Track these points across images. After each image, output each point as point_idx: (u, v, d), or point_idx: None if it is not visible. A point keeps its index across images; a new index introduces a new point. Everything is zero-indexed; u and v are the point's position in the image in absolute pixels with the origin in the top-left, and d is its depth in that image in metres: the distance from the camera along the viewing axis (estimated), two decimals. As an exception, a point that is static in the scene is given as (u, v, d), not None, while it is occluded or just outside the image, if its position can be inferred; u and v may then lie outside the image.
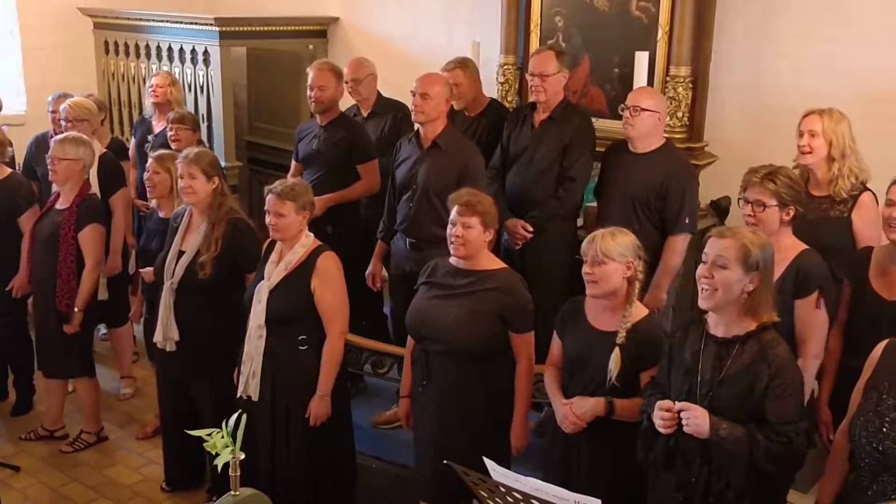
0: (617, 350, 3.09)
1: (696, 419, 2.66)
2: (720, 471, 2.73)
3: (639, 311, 3.18)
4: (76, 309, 4.60)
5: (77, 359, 4.74)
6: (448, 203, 3.56)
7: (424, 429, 3.62)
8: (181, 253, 4.10)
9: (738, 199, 3.50)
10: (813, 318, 3.34)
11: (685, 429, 2.69)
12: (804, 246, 3.42)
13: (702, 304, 2.79)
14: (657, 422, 2.75)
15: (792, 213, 3.37)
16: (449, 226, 3.48)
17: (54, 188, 4.76)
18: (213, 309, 4.07)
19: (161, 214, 4.55)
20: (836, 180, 3.78)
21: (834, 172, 3.78)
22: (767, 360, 2.70)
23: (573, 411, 3.14)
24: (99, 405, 5.00)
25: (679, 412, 2.70)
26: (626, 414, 3.09)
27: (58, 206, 4.67)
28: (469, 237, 3.42)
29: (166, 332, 4.10)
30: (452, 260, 3.54)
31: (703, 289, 2.76)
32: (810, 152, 3.80)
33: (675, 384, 2.86)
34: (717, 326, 2.82)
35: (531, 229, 4.38)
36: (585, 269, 3.15)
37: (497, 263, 3.55)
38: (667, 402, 2.74)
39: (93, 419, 4.93)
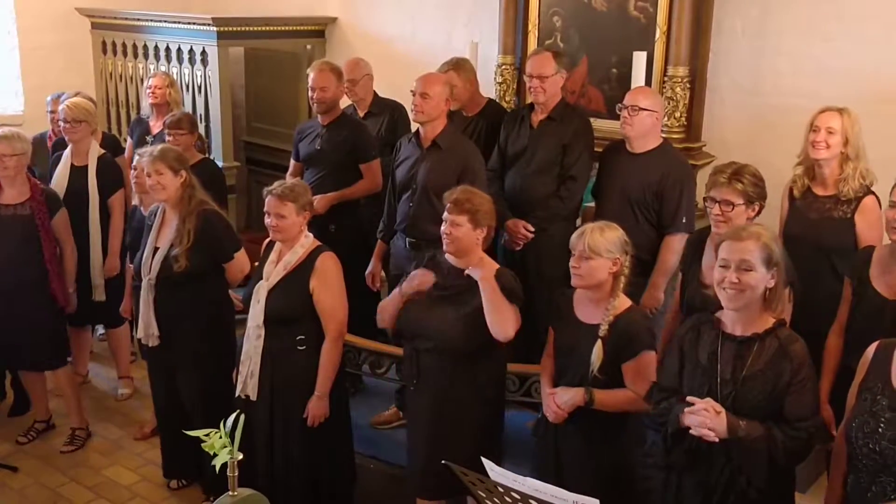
0: (599, 343, 3.15)
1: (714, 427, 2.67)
2: (741, 469, 2.74)
3: (621, 303, 3.23)
4: (70, 290, 4.76)
5: (61, 348, 4.82)
6: (443, 201, 3.58)
7: (417, 426, 3.63)
8: (157, 249, 4.13)
9: (704, 198, 3.52)
10: (787, 312, 3.34)
11: (692, 430, 2.70)
12: None
13: (730, 304, 2.79)
14: (699, 421, 2.70)
15: (757, 208, 3.44)
16: (442, 223, 3.51)
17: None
18: (192, 301, 4.11)
19: (144, 212, 4.56)
20: (846, 181, 3.80)
21: (848, 173, 3.80)
22: (789, 356, 2.73)
23: (555, 401, 3.22)
24: (80, 395, 5.02)
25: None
26: (606, 404, 3.17)
27: (7, 201, 4.62)
28: (457, 234, 3.44)
29: (147, 328, 4.15)
30: (448, 257, 3.56)
31: (728, 292, 2.76)
32: (826, 148, 3.81)
33: (690, 385, 2.85)
34: (736, 325, 2.83)
35: (532, 229, 4.37)
36: (573, 262, 3.20)
37: (489, 263, 3.55)
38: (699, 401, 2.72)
39: (79, 413, 4.94)
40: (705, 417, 2.68)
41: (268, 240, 3.93)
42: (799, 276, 3.33)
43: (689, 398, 2.76)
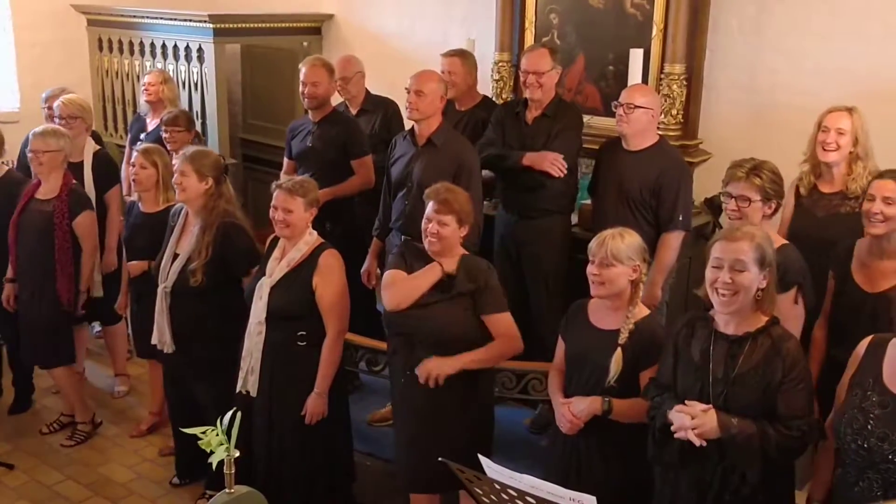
0: (619, 350, 3.08)
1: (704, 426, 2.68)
2: (735, 467, 2.75)
3: (640, 311, 3.18)
4: (82, 290, 4.74)
5: (65, 346, 4.81)
6: (424, 197, 3.59)
7: (408, 419, 3.62)
8: (176, 256, 4.09)
9: (720, 193, 3.51)
10: (790, 312, 3.32)
11: (676, 434, 2.70)
12: (783, 240, 3.44)
13: (723, 309, 2.78)
14: (680, 422, 2.71)
15: (774, 206, 3.42)
16: (424, 220, 3.52)
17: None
18: (207, 312, 4.06)
19: (142, 208, 4.56)
20: (856, 179, 3.79)
21: (858, 172, 3.80)
22: (781, 354, 2.72)
23: (570, 411, 3.13)
24: (83, 391, 5.02)
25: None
26: (624, 414, 3.07)
27: (39, 196, 4.70)
28: (444, 234, 3.47)
29: (161, 336, 4.12)
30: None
31: (722, 294, 2.75)
32: (836, 149, 3.80)
33: (683, 383, 2.85)
34: (728, 325, 2.82)
35: (561, 157, 4.28)
36: (593, 269, 3.12)
37: (462, 252, 3.58)
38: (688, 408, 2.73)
39: (82, 408, 4.94)
40: (689, 415, 2.68)
41: (272, 236, 3.92)
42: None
43: (686, 401, 2.75)
